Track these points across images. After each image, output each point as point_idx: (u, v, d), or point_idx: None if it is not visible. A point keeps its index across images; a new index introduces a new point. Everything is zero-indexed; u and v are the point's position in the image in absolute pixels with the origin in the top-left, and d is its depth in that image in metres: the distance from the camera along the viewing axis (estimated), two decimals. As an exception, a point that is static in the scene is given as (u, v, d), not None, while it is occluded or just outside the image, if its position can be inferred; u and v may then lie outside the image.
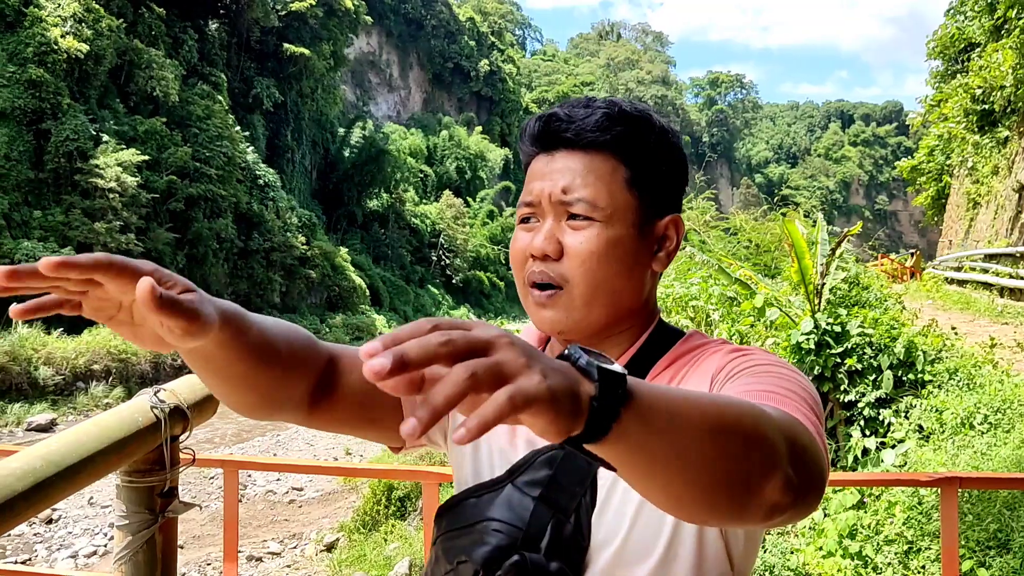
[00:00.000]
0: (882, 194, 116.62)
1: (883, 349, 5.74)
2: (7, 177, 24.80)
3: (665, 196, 0.99)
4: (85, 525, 10.20)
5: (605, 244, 0.94)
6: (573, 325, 0.96)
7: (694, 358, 0.98)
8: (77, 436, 1.20)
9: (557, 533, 0.91)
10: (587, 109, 0.96)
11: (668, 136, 1.00)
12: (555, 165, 0.97)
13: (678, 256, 11.63)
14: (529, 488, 0.94)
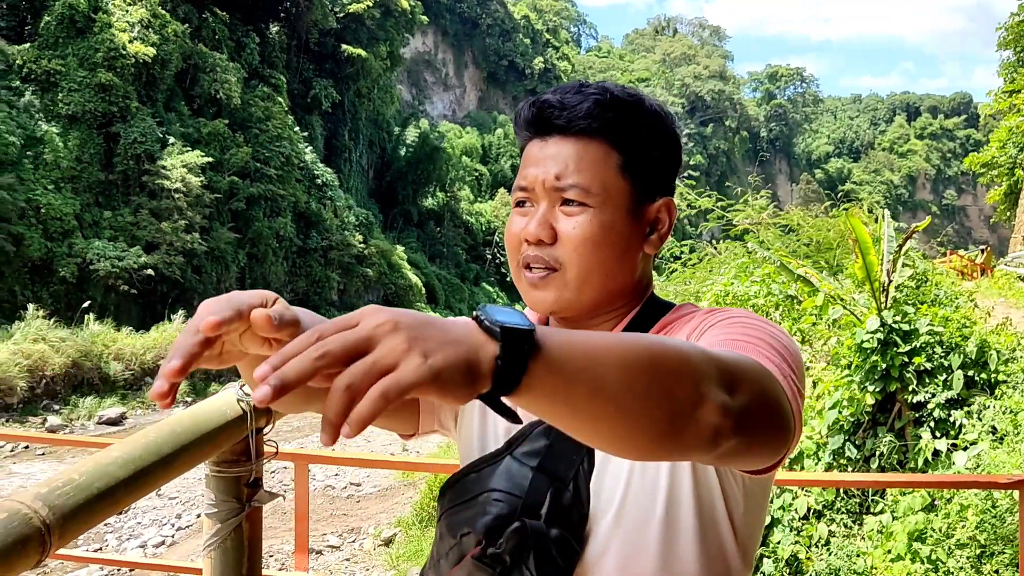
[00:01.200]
0: (950, 188, 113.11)
1: (954, 348, 5.58)
2: (79, 179, 25.67)
3: (657, 180, 1.01)
4: (153, 516, 10.49)
5: (598, 229, 0.95)
6: (565, 306, 0.98)
7: (678, 325, 0.99)
8: (172, 427, 1.25)
9: (556, 501, 0.93)
10: (579, 95, 0.98)
11: (661, 120, 1.01)
12: (548, 151, 0.99)
13: (736, 254, 11.51)
14: (527, 458, 0.96)
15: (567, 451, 0.95)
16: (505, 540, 0.91)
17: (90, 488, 1.09)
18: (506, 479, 0.95)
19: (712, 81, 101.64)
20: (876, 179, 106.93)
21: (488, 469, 0.98)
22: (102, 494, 1.11)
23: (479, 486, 0.97)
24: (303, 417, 18.23)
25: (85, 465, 1.13)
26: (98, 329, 21.20)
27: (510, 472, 0.96)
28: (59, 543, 1.03)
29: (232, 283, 30.90)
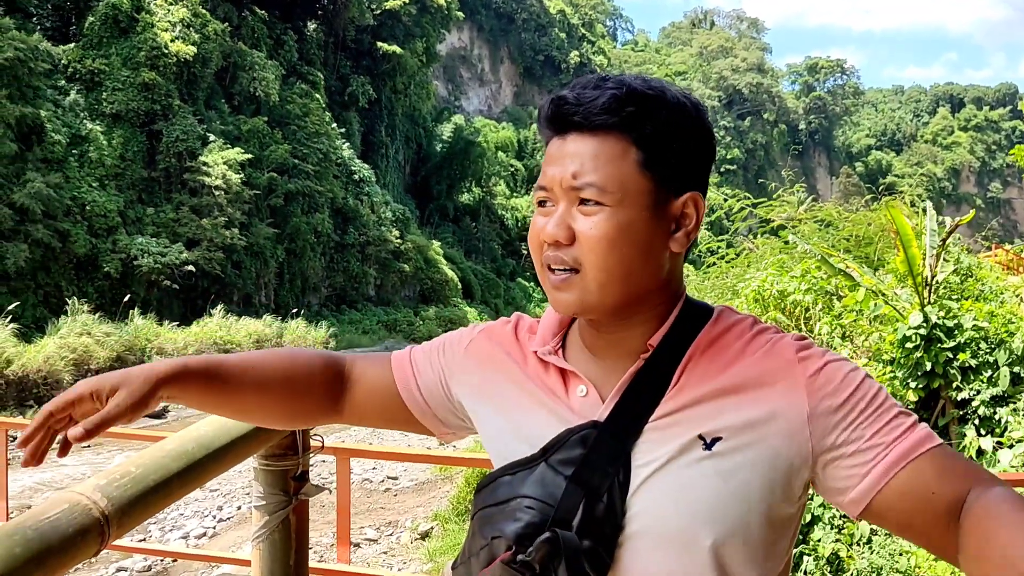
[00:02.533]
0: (995, 181, 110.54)
1: (1000, 344, 5.47)
2: (123, 176, 26.17)
3: (682, 175, 0.97)
4: (195, 508, 10.66)
5: (615, 229, 0.93)
6: (589, 308, 0.96)
7: (728, 348, 0.97)
8: (223, 421, 1.28)
9: (589, 512, 0.92)
10: (596, 90, 0.95)
11: (685, 112, 0.96)
12: (567, 149, 0.96)
13: (773, 249, 11.38)
14: (562, 467, 0.95)
15: (602, 462, 0.94)
16: (535, 549, 0.91)
17: (146, 480, 1.12)
18: (539, 486, 0.95)
19: (750, 74, 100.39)
20: (918, 172, 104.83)
21: (522, 473, 0.97)
22: (157, 486, 1.14)
23: (512, 490, 0.97)
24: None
25: (141, 458, 1.16)
26: (141, 324, 21.63)
27: (544, 480, 0.95)
28: (117, 533, 1.07)
29: (271, 278, 31.27)
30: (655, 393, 0.96)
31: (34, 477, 11.96)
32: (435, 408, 1.15)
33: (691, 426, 0.93)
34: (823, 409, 0.90)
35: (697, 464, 0.91)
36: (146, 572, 8.46)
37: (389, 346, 31.05)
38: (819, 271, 8.15)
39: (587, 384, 1.00)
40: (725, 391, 0.93)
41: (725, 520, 0.90)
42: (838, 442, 0.90)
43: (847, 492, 0.92)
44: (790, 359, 0.93)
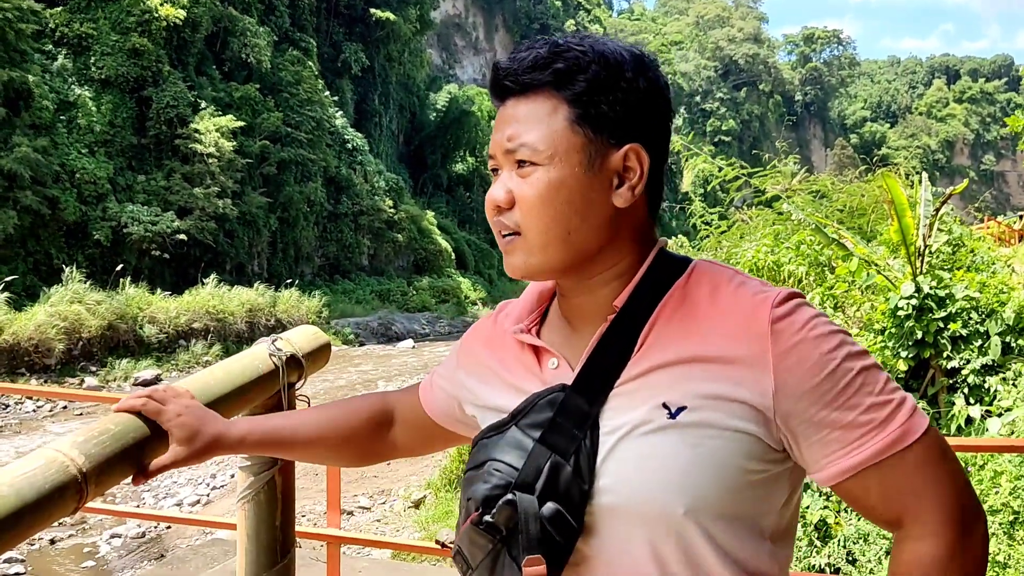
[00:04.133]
0: (989, 154, 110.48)
1: (991, 314, 5.49)
2: (112, 143, 25.90)
3: (620, 128, 0.94)
4: (189, 475, 10.71)
5: (547, 187, 0.92)
6: (535, 269, 0.96)
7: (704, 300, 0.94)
8: (205, 380, 1.26)
9: (554, 475, 0.91)
10: (527, 52, 0.95)
11: (621, 65, 0.94)
12: (504, 114, 0.96)
13: (767, 220, 11.36)
14: (531, 430, 0.95)
15: (569, 425, 0.93)
16: (497, 511, 0.91)
17: (125, 437, 1.10)
18: (508, 449, 0.94)
19: (746, 44, 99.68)
20: (913, 144, 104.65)
21: (495, 437, 0.97)
22: (138, 443, 1.13)
23: (485, 453, 0.97)
24: (331, 370, 18.45)
25: (120, 416, 1.15)
26: (133, 292, 21.55)
27: (513, 442, 0.95)
28: (96, 491, 1.05)
29: (264, 247, 31.15)
30: (621, 356, 0.94)
31: (28, 444, 11.97)
32: (459, 417, 1.19)
33: (655, 392, 0.91)
34: (789, 391, 0.87)
35: (662, 432, 0.89)
36: (140, 539, 8.51)
37: (382, 316, 31.04)
38: (813, 242, 8.15)
39: (557, 356, 0.99)
40: (691, 359, 0.90)
41: (696, 489, 0.88)
42: (799, 427, 0.88)
43: (809, 470, 0.92)
44: (762, 330, 0.89)
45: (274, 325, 24.64)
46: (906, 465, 0.87)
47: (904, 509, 0.88)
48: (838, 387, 0.87)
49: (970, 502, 0.89)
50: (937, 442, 0.89)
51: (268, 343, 1.44)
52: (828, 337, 0.89)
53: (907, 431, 0.87)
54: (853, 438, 0.87)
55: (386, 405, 1.25)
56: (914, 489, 0.87)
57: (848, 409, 0.87)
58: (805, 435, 0.88)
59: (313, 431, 1.21)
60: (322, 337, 1.58)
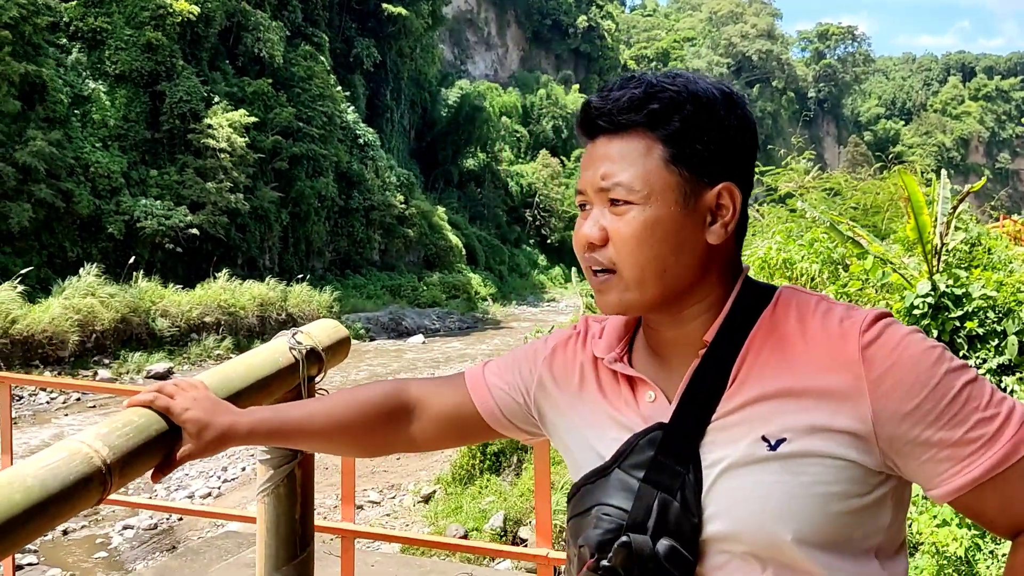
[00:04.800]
0: (1004, 152, 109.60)
1: (1008, 313, 5.45)
2: (126, 137, 26.02)
3: (714, 167, 0.96)
4: (200, 468, 10.77)
5: (642, 226, 0.94)
6: (630, 306, 0.98)
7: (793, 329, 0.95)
8: (226, 373, 1.26)
9: (663, 512, 0.93)
10: (621, 91, 0.96)
11: (713, 103, 0.96)
12: (596, 152, 0.98)
13: (780, 218, 11.31)
14: (634, 470, 0.97)
15: (671, 462, 0.95)
16: (614, 554, 0.93)
17: (148, 430, 1.10)
18: (615, 492, 0.97)
19: (760, 40, 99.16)
20: (927, 142, 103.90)
21: (600, 481, 0.99)
22: (161, 436, 1.13)
23: (592, 499, 0.99)
24: (348, 367, 18.50)
25: (142, 408, 1.15)
26: (146, 286, 21.66)
27: (618, 485, 0.97)
28: (119, 483, 1.05)
29: (275, 242, 31.24)
30: (715, 390, 0.96)
31: (41, 436, 12.06)
32: (517, 422, 1.20)
33: (754, 426, 0.93)
34: (889, 415, 0.88)
35: (764, 464, 0.91)
36: (152, 530, 8.56)
37: (393, 311, 31.08)
38: (827, 240, 8.10)
39: (654, 389, 1.01)
40: (786, 393, 0.92)
41: (802, 516, 0.89)
42: (906, 449, 0.89)
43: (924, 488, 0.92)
44: (853, 357, 0.90)
45: (285, 319, 24.72)
46: (1021, 476, 0.87)
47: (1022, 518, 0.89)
48: (941, 405, 0.87)
49: None
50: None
51: (288, 336, 1.44)
52: (923, 355, 0.89)
53: (1020, 442, 0.87)
54: (964, 455, 0.87)
55: (406, 396, 1.23)
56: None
57: (955, 427, 0.87)
58: (914, 456, 0.89)
59: (324, 423, 1.20)
60: (342, 331, 1.58)
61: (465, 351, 24.41)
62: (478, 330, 31.92)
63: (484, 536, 7.36)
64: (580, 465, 1.06)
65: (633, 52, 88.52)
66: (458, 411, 1.21)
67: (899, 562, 0.97)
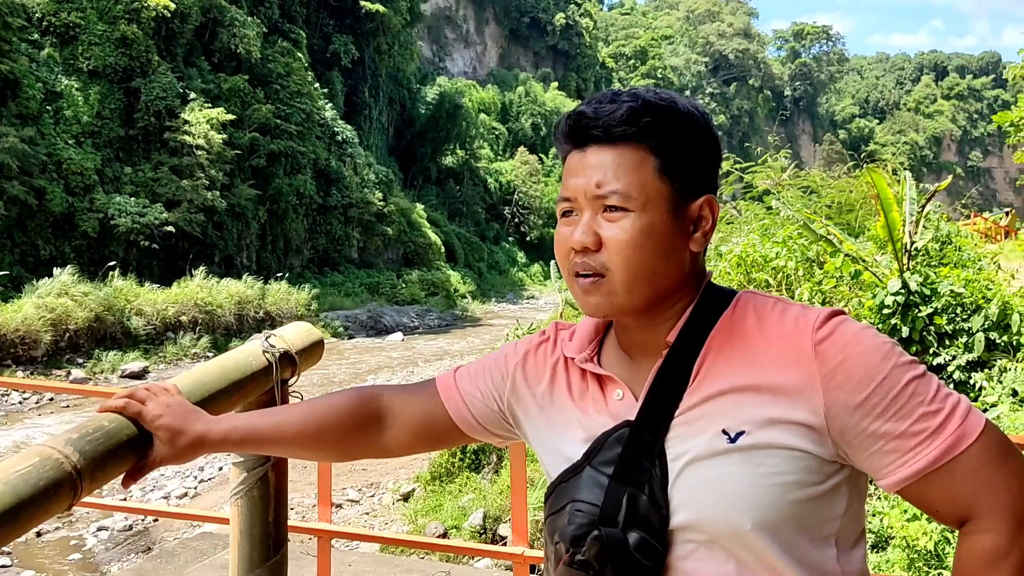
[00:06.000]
0: (976, 150, 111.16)
1: (976, 310, 5.54)
2: (99, 134, 25.71)
3: (697, 179, 1.03)
4: (176, 468, 10.67)
5: (639, 233, 0.98)
6: (617, 309, 1.02)
7: (751, 329, 1.00)
8: (199, 376, 1.26)
9: (633, 506, 0.97)
10: (613, 104, 1.01)
11: (696, 120, 1.03)
12: (588, 161, 1.01)
13: (756, 215, 11.38)
14: (604, 467, 1.01)
15: (638, 457, 0.99)
16: (587, 548, 0.97)
17: (119, 435, 1.11)
18: (586, 489, 1.01)
19: (736, 39, 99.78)
20: (900, 140, 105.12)
21: (573, 479, 1.03)
22: (131, 441, 1.13)
23: (566, 496, 1.03)
24: (327, 365, 18.41)
25: (113, 412, 1.15)
26: (120, 284, 21.43)
27: (590, 482, 1.01)
28: (89, 488, 1.06)
29: (253, 240, 31.03)
30: (678, 387, 1.00)
31: (13, 437, 11.91)
32: (491, 428, 1.23)
33: (715, 420, 0.97)
34: (840, 408, 0.93)
35: (725, 456, 0.95)
36: (127, 531, 8.49)
37: (371, 309, 30.98)
38: (801, 237, 8.18)
39: (622, 387, 1.06)
40: (744, 388, 0.97)
41: (761, 505, 0.93)
42: (856, 440, 0.93)
43: (874, 477, 0.97)
44: (807, 353, 0.94)
45: (263, 318, 24.56)
46: (964, 467, 0.91)
47: (966, 508, 0.92)
48: (888, 399, 0.92)
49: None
50: (995, 441, 0.92)
51: (262, 339, 1.44)
52: (873, 351, 0.93)
53: (961, 435, 0.91)
54: (909, 447, 0.91)
55: (378, 404, 1.24)
56: (974, 489, 0.91)
57: (901, 419, 0.91)
58: (864, 447, 0.93)
59: (297, 430, 1.22)
60: (315, 334, 1.59)
61: (444, 349, 24.39)
62: (457, 328, 31.89)
63: (463, 534, 7.36)
64: (552, 466, 1.10)
65: (611, 50, 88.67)
66: (431, 418, 1.23)
67: (857, 549, 1.00)
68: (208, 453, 1.20)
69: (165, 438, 1.15)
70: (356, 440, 1.24)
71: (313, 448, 1.24)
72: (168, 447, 1.15)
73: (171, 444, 1.15)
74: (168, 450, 1.16)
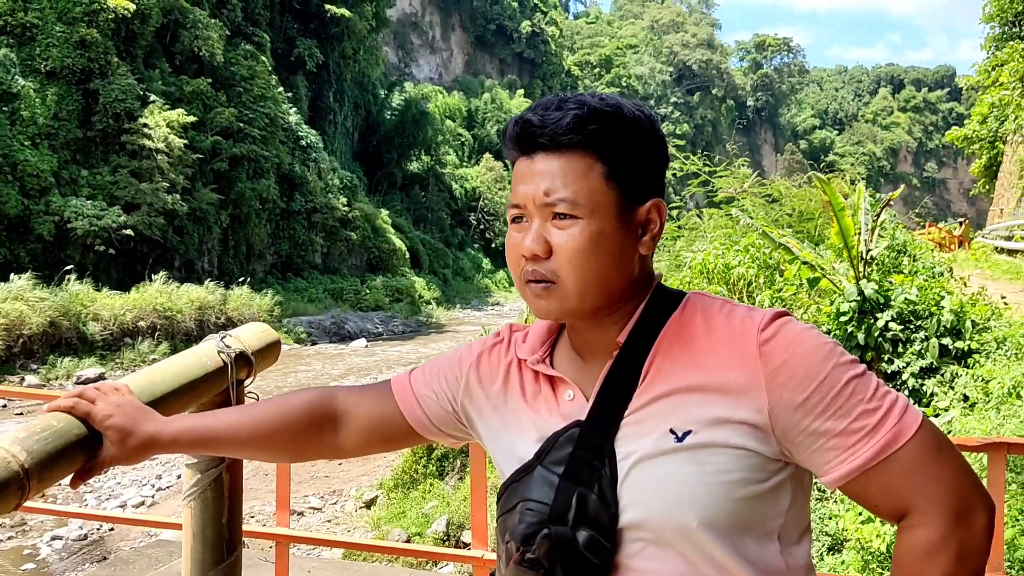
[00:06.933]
0: (931, 161, 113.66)
1: (929, 317, 5.66)
2: (56, 136, 25.21)
3: (644, 183, 1.04)
4: (133, 476, 10.49)
5: (589, 239, 0.99)
6: (569, 313, 1.03)
7: (699, 330, 1.02)
8: (152, 376, 1.25)
9: (582, 505, 0.99)
10: (559, 112, 1.01)
11: (642, 125, 1.04)
12: (536, 168, 1.02)
13: (718, 223, 11.51)
14: (555, 466, 1.02)
15: (588, 456, 1.00)
16: (537, 546, 0.98)
17: (68, 435, 1.09)
18: (537, 488, 1.02)
19: (700, 50, 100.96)
20: (859, 151, 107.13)
21: (525, 479, 1.04)
22: (81, 441, 1.11)
23: (517, 496, 1.04)
24: (282, 369, 18.22)
25: (62, 413, 1.13)
26: (77, 289, 21.01)
27: (540, 481, 1.02)
28: (37, 488, 1.04)
29: (215, 244, 30.63)
30: (627, 388, 1.02)
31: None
32: (445, 428, 1.23)
33: (662, 419, 0.98)
34: (783, 406, 0.95)
35: (672, 455, 0.97)
36: (82, 540, 8.31)
37: (335, 315, 30.74)
38: (762, 246, 8.29)
39: (573, 388, 1.07)
40: (691, 388, 0.98)
41: (707, 503, 0.95)
42: (798, 439, 0.95)
43: (817, 474, 0.99)
44: (752, 353, 0.97)
45: (224, 323, 24.24)
46: (902, 464, 0.94)
47: (905, 504, 0.95)
48: (828, 397, 0.94)
49: (969, 492, 0.95)
50: (931, 437, 0.95)
51: (217, 340, 1.43)
52: (815, 351, 0.96)
53: (899, 432, 0.93)
54: (848, 444, 0.94)
55: (332, 404, 1.24)
56: (912, 484, 0.94)
57: (840, 418, 0.94)
58: (806, 444, 0.95)
59: (250, 431, 1.21)
60: (272, 334, 1.58)
61: (408, 355, 24.28)
62: (422, 334, 31.76)
63: (427, 541, 7.33)
64: (505, 466, 1.11)
65: (577, 58, 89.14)
66: (385, 419, 1.24)
67: (802, 544, 1.03)
68: (159, 454, 1.18)
69: (115, 438, 1.14)
70: (310, 440, 1.23)
71: (267, 449, 1.23)
72: (118, 447, 1.14)
73: (121, 444, 1.14)
74: (118, 451, 1.14)
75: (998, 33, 25.87)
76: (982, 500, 0.95)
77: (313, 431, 1.23)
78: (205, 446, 1.22)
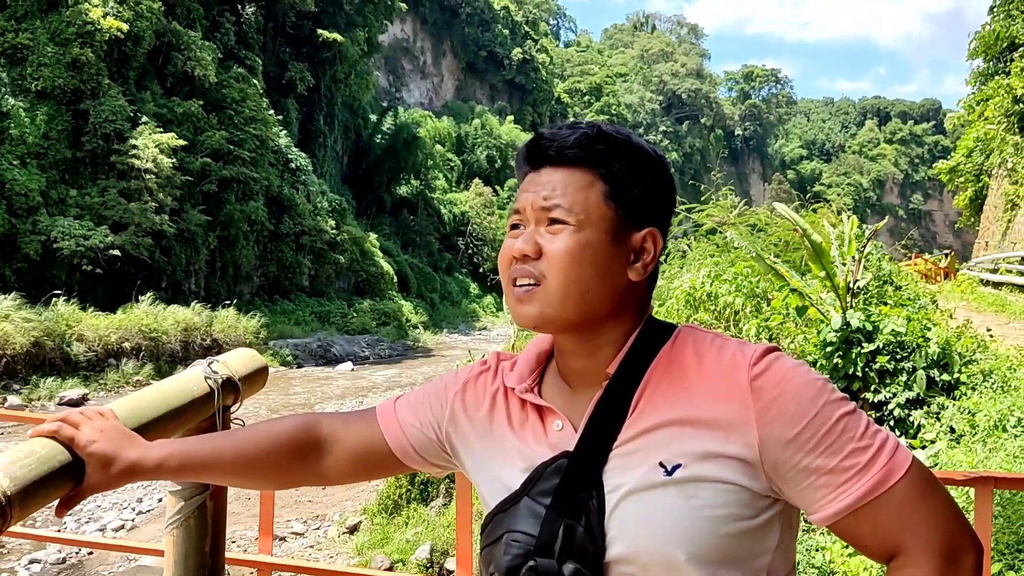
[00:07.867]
0: (917, 193, 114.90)
1: (916, 349, 5.68)
2: (45, 155, 25.13)
3: (645, 211, 1.06)
4: (113, 499, 10.36)
5: (576, 246, 1.01)
6: (548, 320, 1.03)
7: (689, 363, 1.02)
8: (136, 402, 1.24)
9: (569, 537, 0.97)
10: (571, 130, 1.06)
11: (648, 156, 1.07)
12: (540, 179, 1.06)
13: (706, 252, 11.55)
14: (542, 497, 1.02)
15: (575, 488, 1.00)
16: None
17: (51, 461, 1.08)
18: (523, 519, 1.01)
19: (689, 79, 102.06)
20: (845, 182, 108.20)
21: (511, 509, 1.04)
22: (65, 468, 1.10)
23: (502, 527, 1.03)
24: (268, 392, 18.09)
25: (46, 439, 1.12)
26: (63, 309, 20.85)
27: (527, 512, 1.02)
28: (20, 515, 1.03)
29: (202, 266, 30.51)
30: (617, 419, 1.01)
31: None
32: (429, 457, 1.22)
33: (651, 453, 0.98)
34: (773, 442, 0.94)
35: (661, 488, 0.96)
36: (60, 564, 8.18)
37: (321, 338, 30.60)
38: (751, 274, 8.33)
39: (562, 418, 1.07)
40: (681, 421, 0.98)
41: (695, 537, 0.94)
42: (788, 475, 0.95)
43: (806, 512, 0.98)
44: (743, 388, 0.96)
45: (210, 345, 24.08)
46: (892, 503, 0.93)
47: (894, 544, 0.94)
48: (819, 434, 0.93)
49: (958, 532, 0.94)
50: (921, 477, 0.95)
51: (204, 365, 1.42)
52: (806, 387, 0.96)
53: (889, 472, 0.93)
54: (839, 482, 0.93)
55: (317, 431, 1.24)
56: (901, 524, 0.93)
57: (831, 455, 0.93)
58: (795, 481, 0.95)
59: (234, 458, 1.20)
60: (259, 360, 1.57)
61: (395, 379, 24.16)
62: (409, 358, 31.64)
63: (410, 568, 7.26)
64: (490, 495, 1.10)
65: (567, 85, 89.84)
66: (369, 446, 1.23)
67: None
68: (142, 480, 1.17)
69: (97, 464, 1.12)
70: (294, 467, 1.22)
71: (251, 475, 1.22)
72: (100, 474, 1.12)
73: (104, 471, 1.12)
74: (100, 477, 1.12)
75: (984, 68, 26.30)
76: (971, 540, 0.95)
77: (297, 458, 1.22)
78: (189, 472, 1.20)
